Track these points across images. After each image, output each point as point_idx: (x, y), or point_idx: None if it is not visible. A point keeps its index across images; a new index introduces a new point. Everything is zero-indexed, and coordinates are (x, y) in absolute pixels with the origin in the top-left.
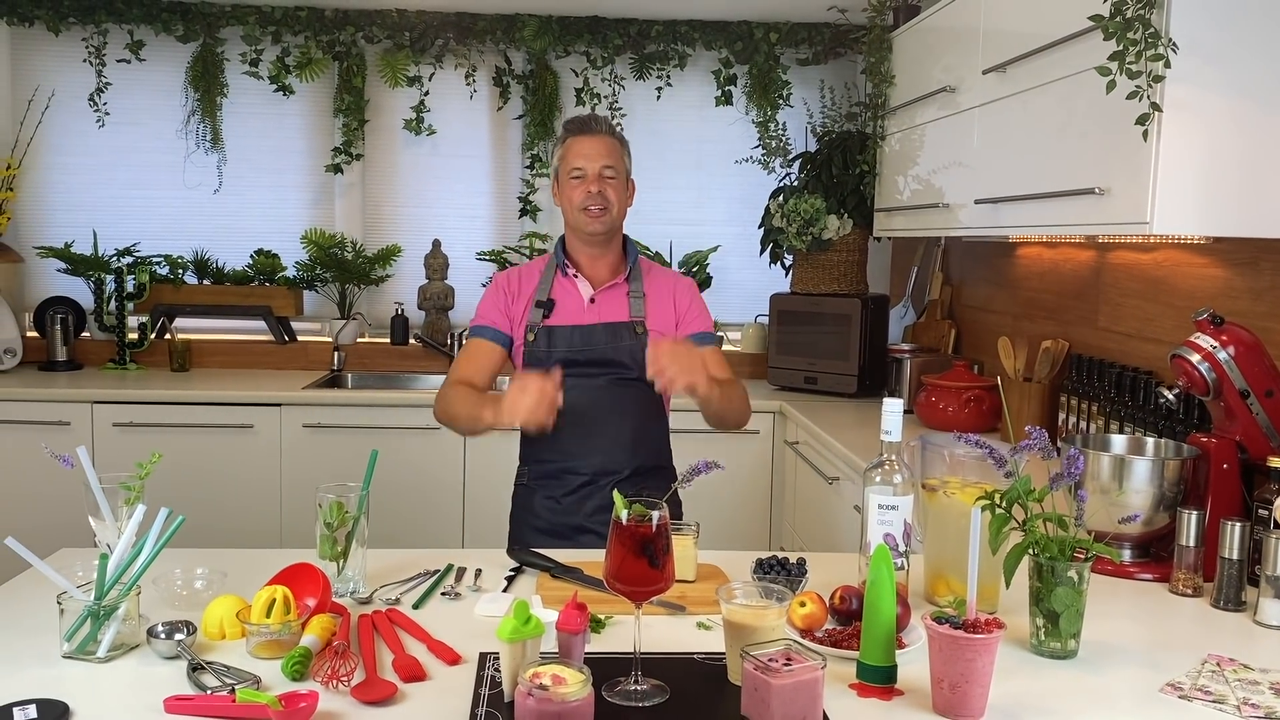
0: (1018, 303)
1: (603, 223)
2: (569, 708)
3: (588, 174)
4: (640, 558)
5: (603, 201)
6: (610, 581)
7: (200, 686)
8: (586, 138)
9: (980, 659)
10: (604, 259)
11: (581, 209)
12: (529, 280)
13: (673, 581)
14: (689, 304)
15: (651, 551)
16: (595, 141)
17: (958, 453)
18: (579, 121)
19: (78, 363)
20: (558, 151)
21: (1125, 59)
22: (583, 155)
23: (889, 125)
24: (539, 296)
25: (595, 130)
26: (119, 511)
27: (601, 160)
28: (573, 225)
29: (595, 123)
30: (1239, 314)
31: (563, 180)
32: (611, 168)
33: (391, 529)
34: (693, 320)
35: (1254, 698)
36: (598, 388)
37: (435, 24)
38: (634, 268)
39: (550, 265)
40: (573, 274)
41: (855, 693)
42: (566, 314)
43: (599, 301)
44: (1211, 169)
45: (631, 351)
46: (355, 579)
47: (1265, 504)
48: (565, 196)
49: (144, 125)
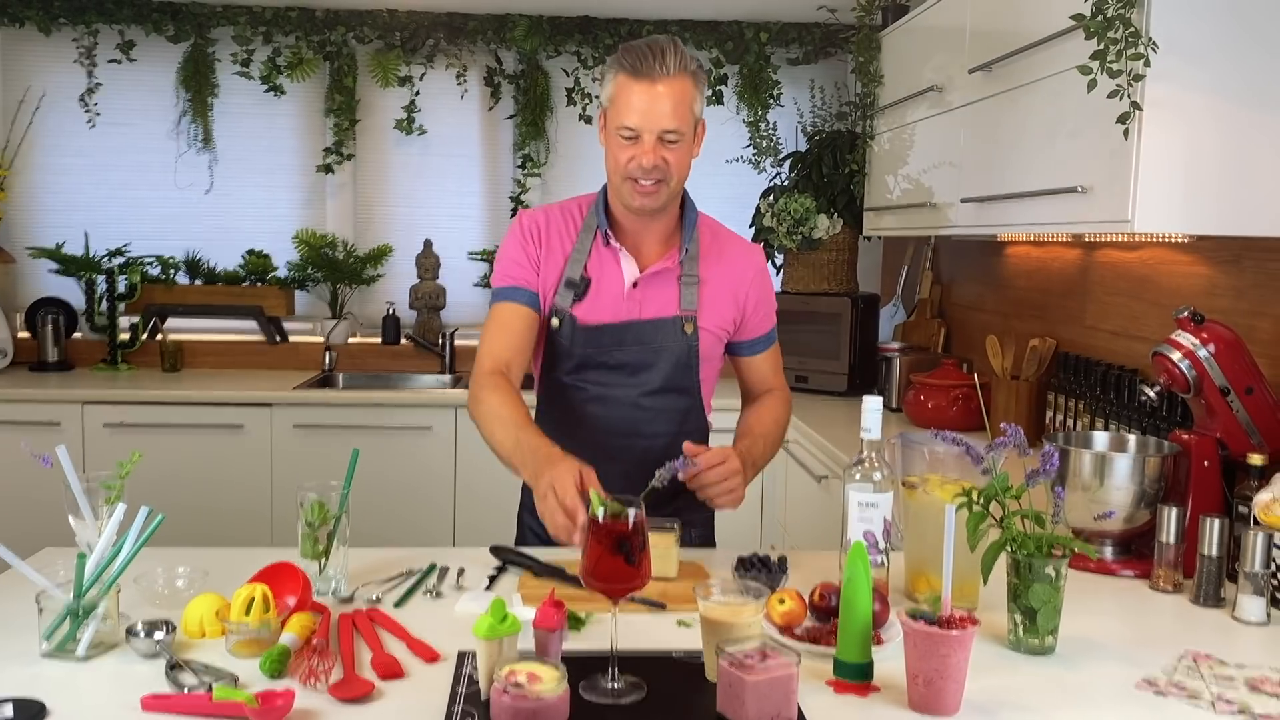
0: (1006, 301)
1: (655, 199)
2: (544, 705)
3: (642, 137)
4: (616, 555)
5: (658, 174)
6: (587, 579)
7: (178, 685)
8: (645, 84)
9: (955, 655)
10: (655, 228)
11: (628, 179)
12: (561, 235)
13: (649, 579)
14: (757, 300)
15: (628, 549)
16: (657, 92)
17: (937, 450)
18: (635, 55)
19: (69, 363)
20: (608, 84)
21: (1106, 58)
22: (637, 110)
23: (878, 124)
24: (570, 272)
25: (658, 74)
26: (100, 511)
27: (663, 121)
28: (615, 191)
29: (660, 61)
30: (1222, 312)
31: (609, 128)
32: (675, 131)
33: (382, 529)
34: (758, 322)
35: (1228, 693)
36: (629, 401)
37: (426, 24)
38: (692, 240)
39: (589, 226)
40: (616, 245)
41: (832, 689)
42: (602, 300)
43: (643, 286)
44: (1192, 167)
45: (675, 356)
46: (337, 578)
47: (1245, 501)
48: (610, 150)
49: (135, 126)
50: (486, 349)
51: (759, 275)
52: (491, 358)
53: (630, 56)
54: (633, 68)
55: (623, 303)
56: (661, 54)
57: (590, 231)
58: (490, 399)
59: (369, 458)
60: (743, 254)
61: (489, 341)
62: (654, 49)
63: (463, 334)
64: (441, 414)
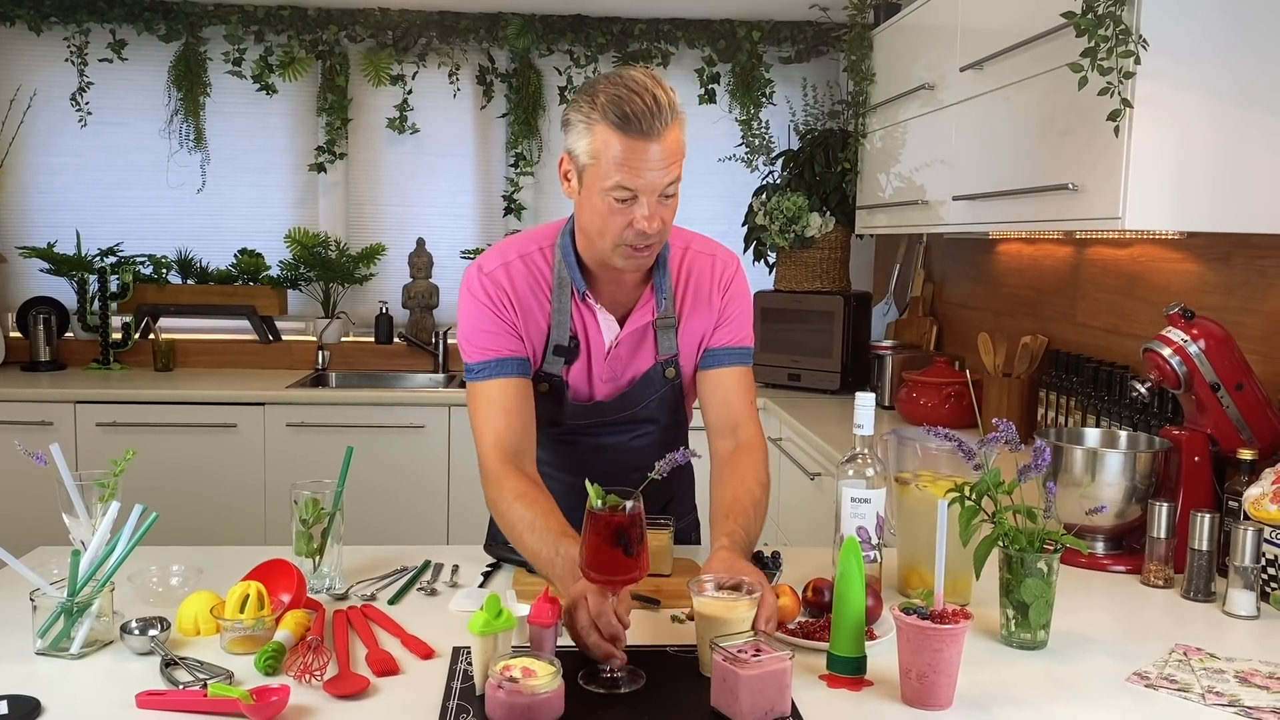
0: (998, 299)
1: (650, 259)
2: (539, 700)
3: (640, 199)
4: (614, 547)
5: (658, 237)
6: (585, 571)
7: (173, 682)
8: (642, 143)
9: (947, 649)
10: (631, 274)
11: (621, 245)
12: (533, 292)
13: (647, 571)
14: (722, 307)
15: (626, 541)
16: (656, 149)
17: (930, 446)
18: (625, 107)
19: (61, 363)
20: (584, 136)
21: (1096, 55)
22: (637, 170)
23: (870, 123)
24: (558, 336)
25: (658, 130)
26: (94, 509)
27: (664, 180)
28: (600, 253)
29: (658, 116)
30: (1212, 308)
31: (591, 187)
32: (674, 184)
33: (376, 527)
34: (725, 331)
35: (1218, 686)
36: (621, 446)
37: (418, 23)
38: (664, 281)
39: (563, 283)
40: (592, 302)
41: (825, 684)
42: (584, 363)
43: (622, 344)
44: (1183, 164)
45: (662, 400)
46: (331, 575)
47: (1235, 496)
48: (594, 211)
49: (127, 125)
50: (488, 438)
51: (731, 284)
52: (499, 448)
53: (615, 109)
54: (623, 122)
55: (604, 363)
56: (656, 104)
57: (565, 288)
58: (518, 504)
59: (362, 457)
60: (712, 263)
61: (488, 428)
62: (645, 99)
63: (455, 333)
64: (435, 413)
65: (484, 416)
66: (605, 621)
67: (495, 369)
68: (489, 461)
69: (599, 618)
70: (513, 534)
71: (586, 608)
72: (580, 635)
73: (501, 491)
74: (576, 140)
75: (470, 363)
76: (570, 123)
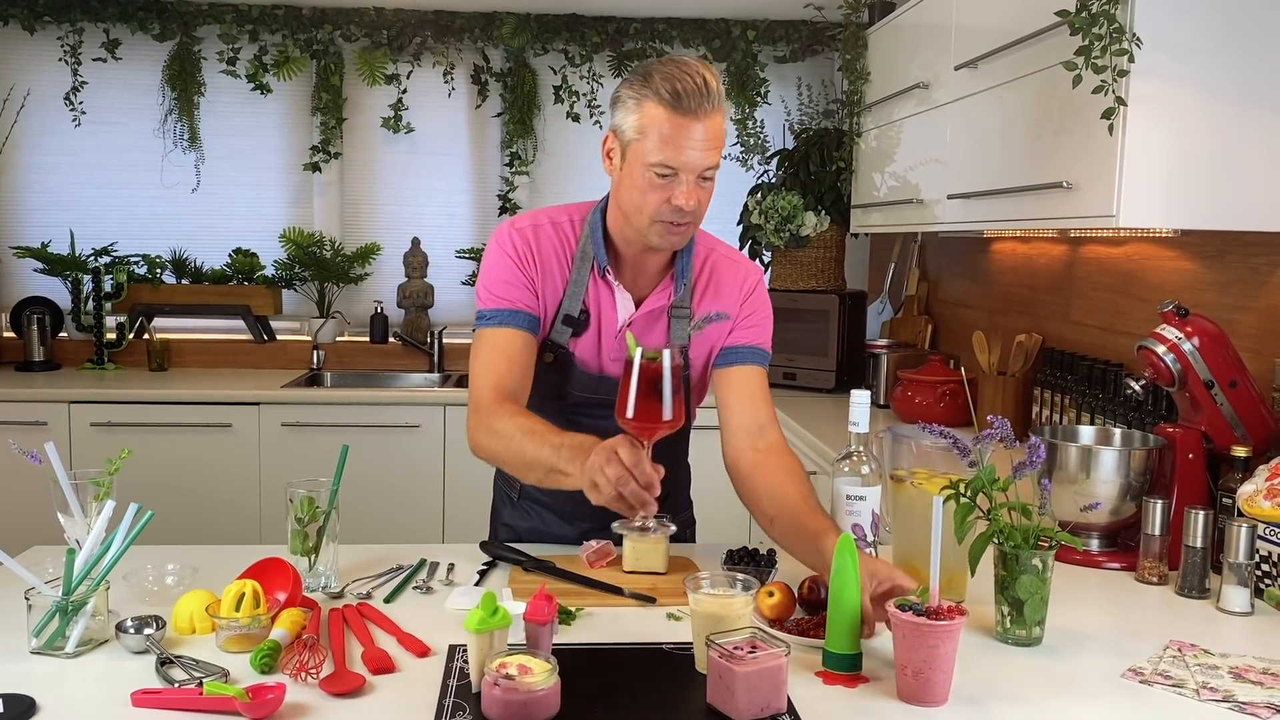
0: (993, 297)
1: (685, 238)
2: (535, 697)
3: (680, 176)
4: (652, 396)
5: (693, 216)
6: (620, 418)
7: (169, 680)
8: (688, 120)
9: (943, 645)
10: (657, 259)
11: (659, 221)
12: (557, 255)
13: (681, 422)
14: (749, 313)
15: (661, 390)
16: (700, 128)
17: (925, 443)
18: (675, 84)
19: (55, 363)
20: (633, 113)
21: (1091, 54)
22: (681, 147)
23: (865, 122)
24: (569, 306)
25: (705, 109)
26: (89, 508)
27: (706, 159)
28: (637, 229)
29: (705, 95)
30: (1206, 306)
31: (634, 162)
32: (713, 169)
33: (372, 527)
34: (747, 332)
35: (1213, 681)
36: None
37: (413, 22)
38: (688, 272)
39: (585, 256)
40: (612, 279)
41: (821, 680)
42: (594, 337)
43: (635, 324)
44: (1177, 162)
45: None
46: (327, 573)
47: (1229, 493)
48: (634, 186)
49: (121, 124)
50: (487, 378)
51: (755, 291)
52: (495, 388)
53: (668, 85)
54: (673, 99)
55: (614, 341)
56: (706, 86)
57: (587, 262)
58: (510, 420)
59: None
60: (740, 271)
61: (488, 370)
62: (696, 79)
63: (451, 332)
64: (430, 412)
65: (486, 360)
66: (641, 470)
67: (507, 318)
68: (483, 397)
69: (635, 467)
70: (510, 445)
71: (619, 460)
72: (617, 484)
73: (496, 414)
74: (625, 116)
75: (484, 309)
76: (620, 99)
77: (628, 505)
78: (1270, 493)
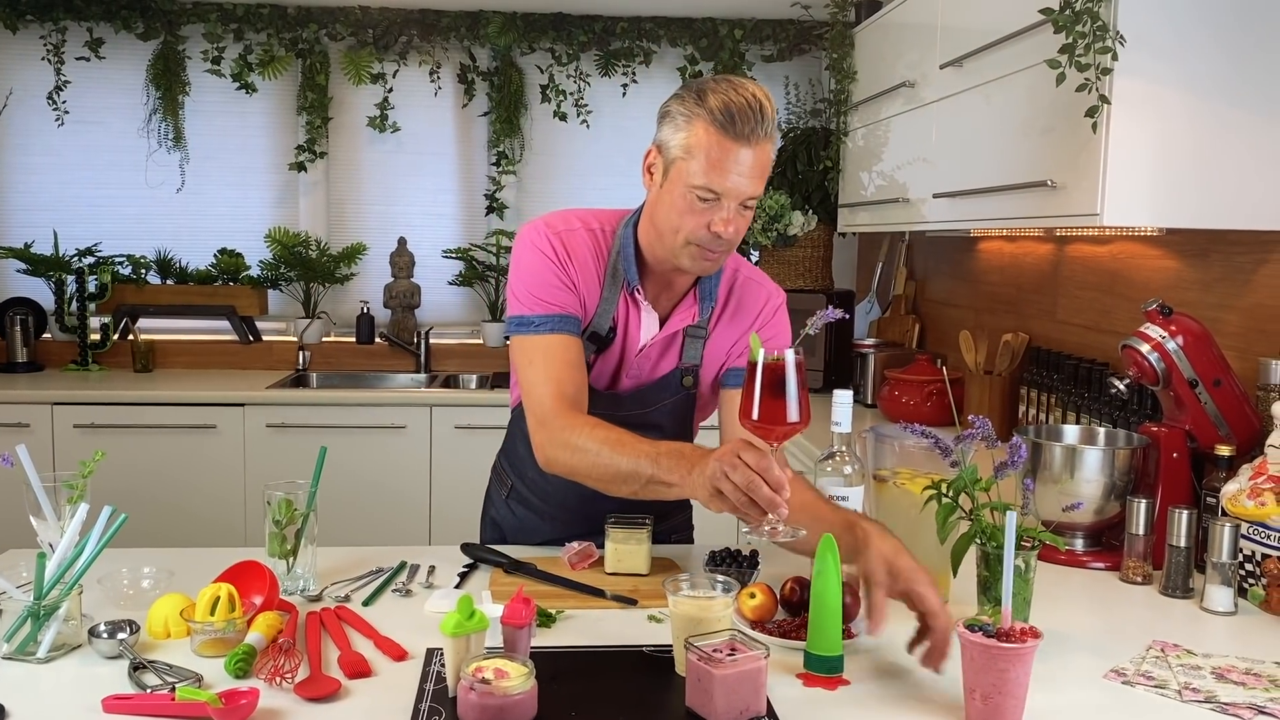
0: (979, 296)
1: (718, 264)
2: (511, 701)
3: (723, 202)
4: (777, 397)
5: (729, 244)
6: (744, 421)
7: (141, 686)
8: (740, 146)
9: (1014, 669)
10: (684, 280)
11: (693, 244)
12: (590, 266)
13: (809, 421)
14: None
15: (785, 390)
16: (751, 155)
17: (908, 444)
18: (730, 108)
19: (38, 364)
20: (682, 130)
21: (1074, 52)
22: (728, 171)
23: (852, 121)
24: (599, 323)
25: (758, 137)
26: (62, 511)
27: (751, 188)
28: (669, 249)
29: (760, 122)
30: (1190, 305)
31: (675, 181)
32: (755, 198)
33: (358, 528)
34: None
35: (1195, 682)
36: None
37: (399, 21)
38: (714, 289)
39: (616, 275)
40: (641, 298)
41: (802, 682)
42: (616, 354)
43: (656, 344)
44: (1161, 161)
45: (674, 409)
46: (305, 576)
47: (1213, 492)
48: (673, 207)
49: (105, 124)
50: (547, 388)
51: (775, 315)
52: (558, 398)
53: (723, 108)
54: (727, 122)
55: (634, 358)
56: (761, 113)
57: (618, 280)
58: (588, 434)
59: (344, 457)
60: (762, 296)
61: (548, 379)
62: (753, 105)
63: (437, 333)
64: (416, 413)
65: (544, 369)
66: (771, 473)
67: (559, 324)
68: (548, 410)
69: (765, 471)
70: (596, 460)
71: (744, 465)
72: (747, 489)
73: (570, 429)
74: (672, 133)
75: (530, 314)
76: (669, 114)
77: (757, 510)
78: (1253, 492)
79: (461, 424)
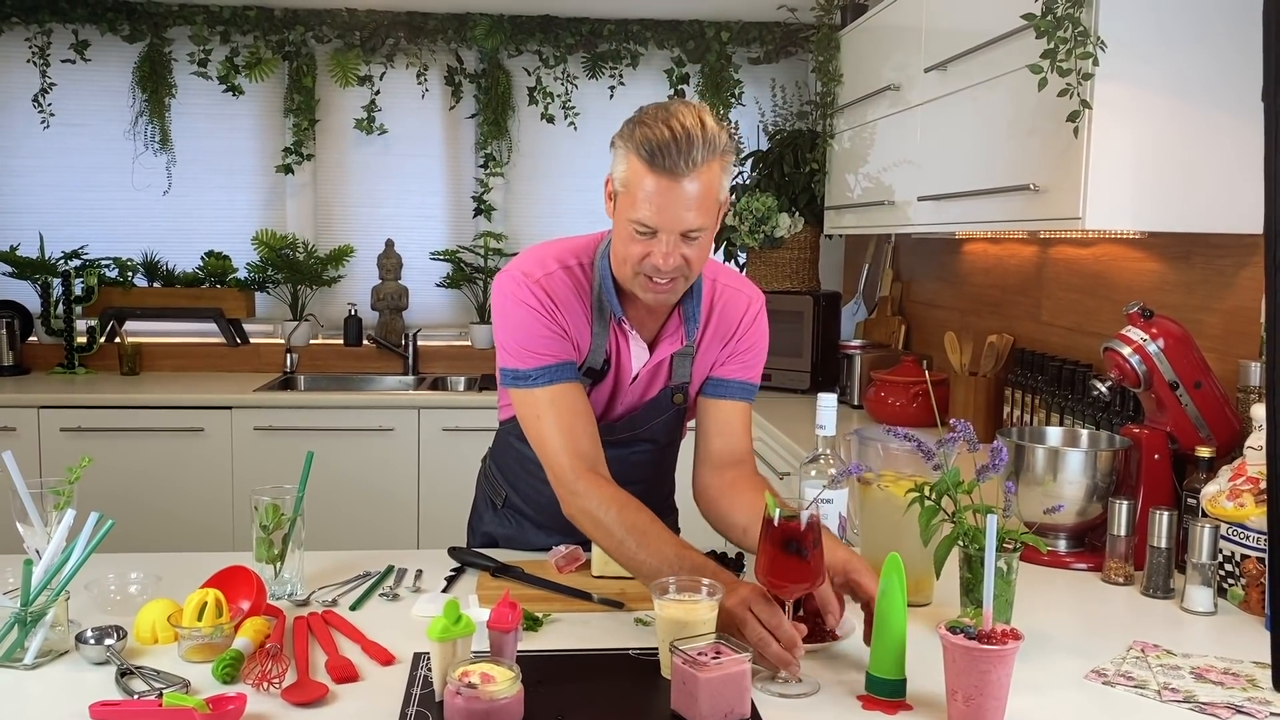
0: (964, 298)
1: (671, 295)
2: (497, 705)
3: (659, 236)
4: (790, 554)
5: (676, 273)
6: (761, 577)
7: (128, 692)
8: (665, 180)
9: (995, 671)
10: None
11: (641, 274)
12: (575, 307)
13: (823, 579)
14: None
15: (798, 547)
16: (680, 189)
17: (891, 446)
18: (655, 141)
19: (24, 367)
20: (621, 162)
21: (1056, 57)
22: (657, 206)
23: (838, 123)
24: (594, 359)
25: (682, 170)
26: (49, 517)
27: (684, 222)
28: (624, 280)
29: (685, 155)
30: (1172, 307)
31: (620, 212)
32: (698, 230)
33: (346, 531)
34: (738, 365)
35: (1174, 682)
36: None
37: (386, 23)
38: (696, 310)
39: (601, 309)
40: (627, 327)
41: (860, 704)
42: (609, 384)
43: (645, 370)
44: (1142, 164)
45: (665, 425)
46: (292, 581)
47: (1194, 493)
48: (619, 237)
49: (90, 126)
50: (566, 443)
51: (755, 322)
52: (574, 456)
53: (648, 141)
54: (651, 158)
55: (627, 385)
56: (688, 145)
57: (605, 314)
58: (608, 509)
59: (332, 460)
60: (740, 309)
61: (559, 433)
62: (678, 137)
63: (425, 335)
64: (404, 415)
65: (553, 424)
66: (783, 631)
67: (556, 374)
68: (566, 471)
69: (776, 629)
70: (612, 540)
71: (755, 621)
72: (758, 646)
73: (589, 496)
74: (616, 164)
75: (524, 369)
76: (614, 145)
77: (768, 663)
78: (1233, 493)
79: (449, 426)
